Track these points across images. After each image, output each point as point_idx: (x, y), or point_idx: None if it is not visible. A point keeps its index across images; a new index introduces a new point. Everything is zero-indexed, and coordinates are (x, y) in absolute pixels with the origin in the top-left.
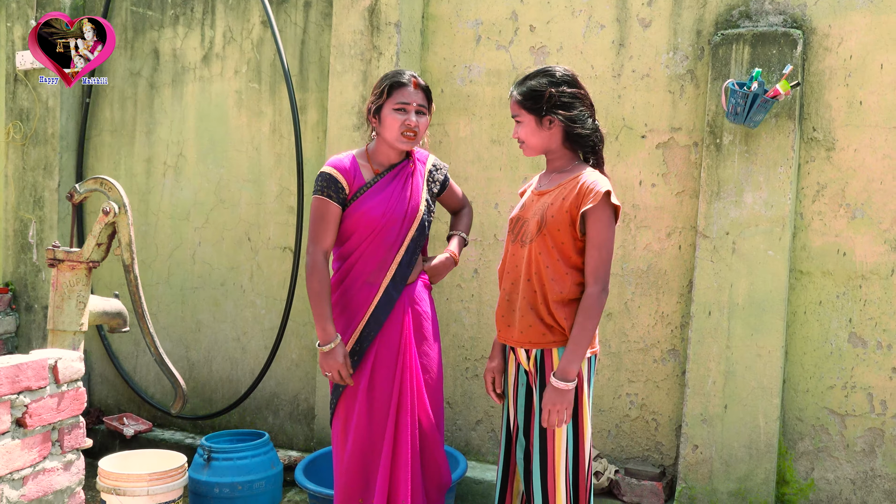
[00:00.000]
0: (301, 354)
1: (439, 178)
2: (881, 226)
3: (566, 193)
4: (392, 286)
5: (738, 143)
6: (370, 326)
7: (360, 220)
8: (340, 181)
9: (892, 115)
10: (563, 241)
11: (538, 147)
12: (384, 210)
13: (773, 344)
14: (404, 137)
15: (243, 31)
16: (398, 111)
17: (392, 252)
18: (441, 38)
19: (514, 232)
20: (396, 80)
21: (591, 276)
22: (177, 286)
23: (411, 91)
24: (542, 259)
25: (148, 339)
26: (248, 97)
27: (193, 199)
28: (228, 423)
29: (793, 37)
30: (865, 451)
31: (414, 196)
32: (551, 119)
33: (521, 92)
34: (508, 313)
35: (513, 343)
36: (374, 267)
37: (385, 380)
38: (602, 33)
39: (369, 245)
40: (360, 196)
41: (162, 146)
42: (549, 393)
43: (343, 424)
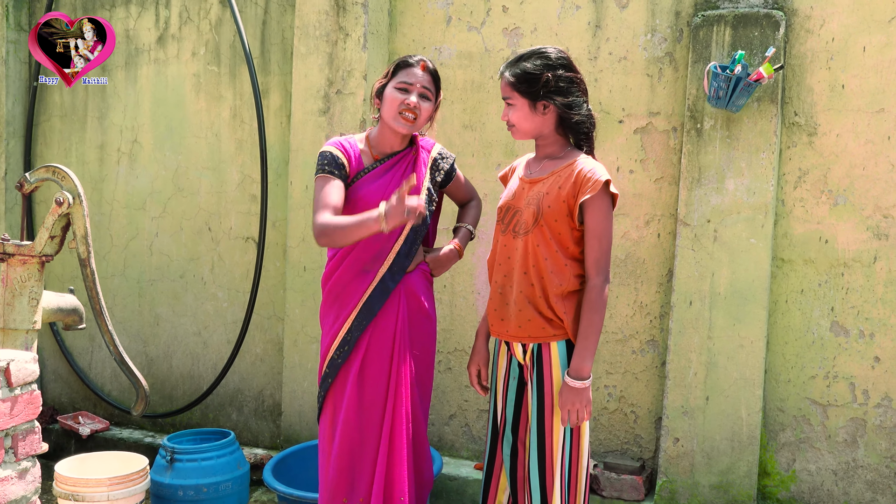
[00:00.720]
0: (266, 348)
1: (444, 166)
2: (863, 212)
3: (562, 182)
4: (388, 276)
5: (719, 127)
6: (362, 315)
7: (356, 206)
8: (341, 158)
9: (875, 99)
10: (561, 231)
11: (530, 132)
12: (382, 198)
13: (755, 334)
14: (402, 118)
15: (201, 10)
16: (399, 90)
17: (390, 242)
18: (410, 18)
19: (505, 222)
20: (404, 59)
21: (592, 267)
22: (133, 278)
23: (417, 72)
24: (541, 251)
25: (107, 338)
26: (207, 80)
27: (150, 188)
28: (190, 420)
29: (775, 18)
30: (847, 441)
31: (416, 183)
32: (546, 104)
33: (514, 74)
34: (502, 307)
35: (508, 338)
36: (370, 256)
37: (378, 372)
38: (578, 14)
39: None
40: (358, 181)
41: (115, 132)
42: (565, 393)
43: (331, 419)
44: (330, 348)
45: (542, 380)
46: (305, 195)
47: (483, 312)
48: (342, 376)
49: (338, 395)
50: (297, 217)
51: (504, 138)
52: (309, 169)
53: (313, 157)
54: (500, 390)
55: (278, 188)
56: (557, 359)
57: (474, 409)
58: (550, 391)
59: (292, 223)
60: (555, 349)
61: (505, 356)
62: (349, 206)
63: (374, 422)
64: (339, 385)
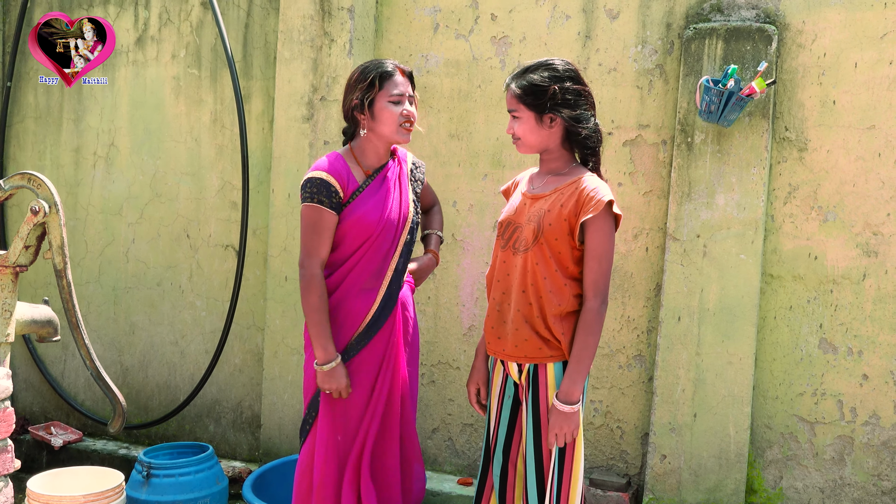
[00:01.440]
0: (245, 359)
1: (420, 176)
2: (853, 229)
3: (564, 200)
4: (388, 295)
5: (710, 142)
6: (362, 337)
7: (353, 226)
8: (334, 185)
9: (866, 115)
10: (561, 250)
11: (536, 146)
12: (380, 215)
13: (744, 351)
14: (403, 129)
15: (181, 12)
16: (394, 103)
17: (388, 259)
18: (396, 25)
19: (505, 237)
20: (384, 69)
21: (590, 288)
22: (109, 286)
23: (400, 80)
24: (540, 270)
25: (83, 352)
26: (187, 84)
27: (127, 193)
28: (166, 431)
29: (767, 32)
30: (835, 459)
31: (405, 197)
32: (553, 117)
33: (520, 86)
34: (499, 325)
35: (504, 357)
36: (369, 276)
37: (360, 394)
38: (567, 24)
39: (365, 253)
40: (354, 200)
41: (92, 135)
42: (554, 417)
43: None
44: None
45: (537, 401)
46: (287, 203)
47: (467, 324)
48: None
49: (324, 416)
50: (278, 225)
51: (491, 148)
52: (292, 177)
53: (296, 164)
54: (493, 409)
55: (259, 195)
56: (554, 380)
57: (458, 423)
58: (546, 413)
59: (274, 232)
60: (551, 371)
61: (500, 374)
62: (345, 224)
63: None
64: (328, 406)
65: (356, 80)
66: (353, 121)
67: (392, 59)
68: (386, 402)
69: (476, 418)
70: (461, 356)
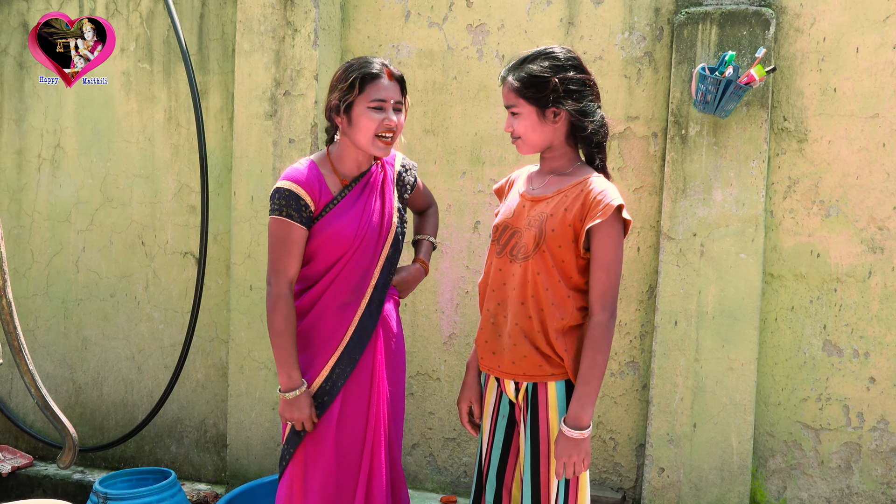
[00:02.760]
0: (208, 374)
1: (409, 179)
2: (857, 224)
3: (569, 203)
4: (367, 314)
5: (705, 134)
6: (343, 363)
7: (327, 241)
8: (304, 198)
9: (869, 103)
10: (565, 258)
11: (539, 144)
12: (357, 229)
13: (746, 356)
14: (380, 142)
15: (130, 2)
16: (374, 109)
17: (367, 276)
18: (364, 13)
19: (501, 243)
20: (367, 70)
21: (597, 301)
22: (58, 298)
23: (386, 84)
24: (542, 280)
25: (27, 379)
26: (139, 80)
27: (75, 198)
28: (124, 453)
29: (765, 16)
30: (841, 467)
31: (387, 208)
32: (556, 111)
33: (518, 78)
34: (494, 339)
35: (500, 374)
36: (345, 295)
37: (356, 423)
38: (549, 10)
39: (341, 270)
40: (328, 213)
41: (35, 136)
42: (561, 443)
43: (303, 474)
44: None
45: (536, 423)
46: (251, 207)
47: (447, 332)
48: (320, 428)
49: (312, 448)
50: (241, 230)
51: (469, 144)
52: (254, 178)
53: (259, 164)
54: (486, 429)
55: (220, 198)
56: (555, 401)
57: (439, 438)
58: (546, 436)
59: (236, 237)
60: (552, 390)
61: (494, 392)
62: (319, 239)
63: (352, 469)
64: (315, 438)
65: (337, 80)
66: (332, 123)
67: (360, 49)
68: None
69: (459, 432)
70: (441, 366)
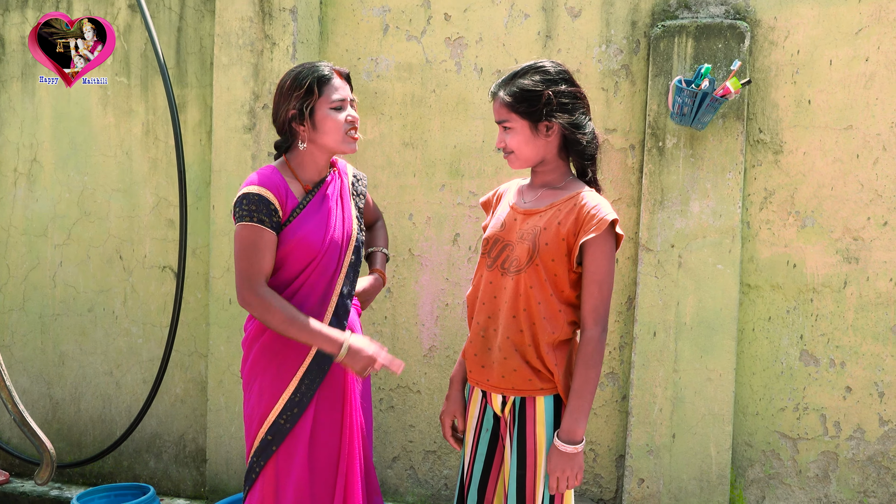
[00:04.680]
0: (187, 388)
1: (362, 189)
2: (833, 235)
3: (562, 217)
4: (335, 322)
5: (682, 146)
6: (312, 373)
7: (295, 248)
8: (273, 203)
9: (843, 115)
10: (557, 272)
11: (532, 158)
12: (323, 234)
13: (724, 366)
14: (350, 138)
15: (107, 15)
16: (336, 109)
17: (333, 283)
18: (343, 26)
19: (492, 256)
20: (320, 73)
21: (589, 316)
22: (34, 313)
23: (339, 83)
24: (534, 293)
25: (4, 395)
26: (116, 93)
27: (52, 212)
28: (102, 469)
29: (740, 29)
30: (819, 476)
31: (347, 214)
32: (549, 125)
33: (510, 93)
34: (483, 352)
35: (488, 387)
36: (314, 301)
37: (330, 431)
38: (526, 23)
39: (308, 276)
40: (295, 219)
41: (11, 150)
42: (555, 458)
43: (274, 489)
44: (270, 411)
45: (523, 438)
46: (229, 220)
47: (427, 345)
48: (291, 441)
49: (283, 462)
50: (220, 244)
51: (448, 156)
52: (233, 192)
53: (238, 178)
54: (469, 443)
55: (199, 212)
56: (543, 416)
57: (419, 451)
58: (533, 451)
59: (215, 251)
60: (541, 404)
61: (478, 405)
62: (287, 246)
63: (328, 484)
64: (287, 451)
65: (289, 88)
66: (290, 132)
67: (338, 62)
68: (349, 442)
69: (440, 445)
70: (422, 379)
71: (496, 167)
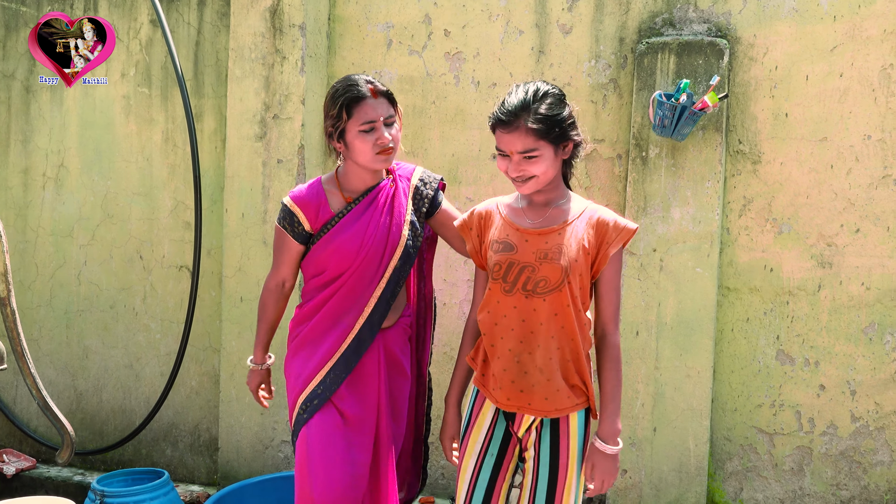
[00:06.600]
0: (201, 381)
1: (428, 193)
2: (808, 241)
3: (582, 232)
4: (367, 327)
5: (664, 156)
6: (338, 369)
7: (332, 256)
8: (297, 216)
9: (818, 127)
10: (582, 286)
11: (550, 179)
12: (360, 243)
13: (702, 364)
14: (381, 156)
15: (130, 30)
16: (365, 132)
17: (371, 287)
18: (349, 41)
19: (510, 280)
20: (353, 94)
21: (611, 321)
22: (60, 309)
23: (373, 103)
24: (570, 311)
25: (29, 381)
26: (138, 103)
27: (78, 214)
28: (122, 456)
29: (719, 46)
30: (794, 469)
31: (396, 220)
32: (566, 145)
33: (538, 121)
34: (521, 377)
35: (530, 411)
36: (349, 305)
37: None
38: (521, 39)
39: (346, 281)
40: (331, 229)
41: (41, 156)
42: (600, 461)
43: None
44: (302, 393)
45: (556, 455)
46: (241, 223)
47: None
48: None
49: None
50: (232, 245)
51: (447, 164)
52: (245, 196)
53: (249, 183)
54: (469, 467)
55: (213, 215)
56: (576, 429)
57: None
58: (566, 466)
59: (228, 252)
60: (574, 419)
61: (484, 430)
62: (325, 254)
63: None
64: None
65: (327, 107)
66: (333, 150)
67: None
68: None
69: (435, 437)
70: None
71: (491, 174)
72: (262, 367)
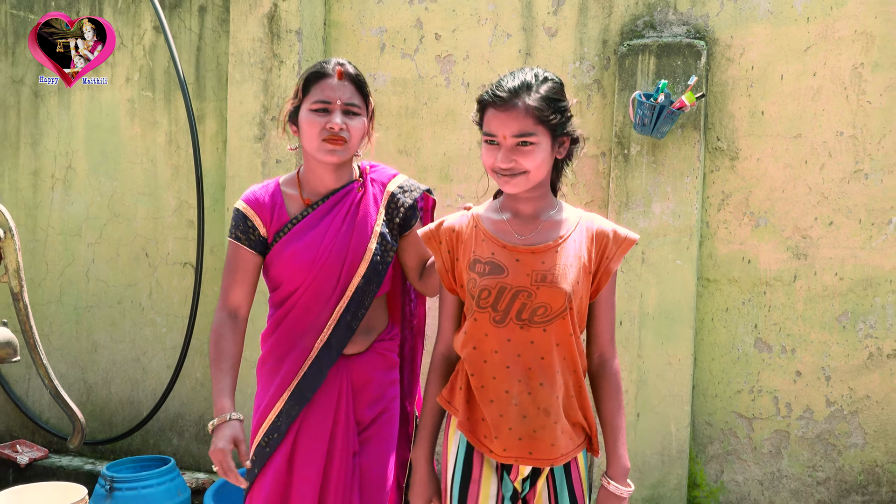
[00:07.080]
0: (206, 373)
1: (406, 202)
2: (783, 233)
3: (580, 246)
4: (325, 353)
5: (645, 153)
6: (294, 400)
7: (285, 267)
8: (251, 219)
9: (793, 124)
10: (581, 308)
11: (541, 180)
12: (316, 254)
13: (682, 352)
14: (328, 144)
15: (134, 36)
16: (316, 112)
17: (329, 306)
18: (344, 45)
19: (501, 309)
20: (315, 70)
21: (610, 344)
22: (70, 305)
23: (335, 84)
24: (574, 341)
25: (41, 371)
26: (142, 106)
27: (85, 214)
28: (130, 446)
29: (697, 48)
30: (772, 452)
31: (360, 231)
32: (563, 140)
33: (540, 99)
34: (519, 423)
35: (532, 462)
36: (305, 326)
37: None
38: (508, 42)
39: (300, 298)
40: (284, 236)
41: (49, 158)
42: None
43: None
44: (259, 429)
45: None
46: None
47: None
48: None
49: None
50: None
51: (439, 163)
52: None
53: (249, 183)
54: None
55: (215, 213)
56: (583, 470)
57: None
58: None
59: None
60: (580, 460)
61: (492, 484)
62: (278, 265)
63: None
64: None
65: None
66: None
67: None
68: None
69: None
70: None
71: (482, 172)
72: (230, 417)
